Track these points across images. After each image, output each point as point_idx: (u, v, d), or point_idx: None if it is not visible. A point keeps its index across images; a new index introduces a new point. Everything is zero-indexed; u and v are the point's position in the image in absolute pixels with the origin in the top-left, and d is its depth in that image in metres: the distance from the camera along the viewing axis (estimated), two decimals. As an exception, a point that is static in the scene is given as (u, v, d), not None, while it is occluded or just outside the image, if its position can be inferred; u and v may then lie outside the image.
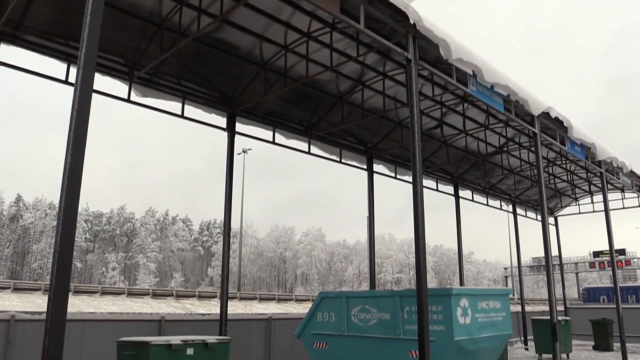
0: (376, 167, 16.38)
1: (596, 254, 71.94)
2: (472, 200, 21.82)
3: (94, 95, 4.71)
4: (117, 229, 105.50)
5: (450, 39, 8.68)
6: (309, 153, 14.43)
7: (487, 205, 22.71)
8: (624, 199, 23.34)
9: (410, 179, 11.63)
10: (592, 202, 24.97)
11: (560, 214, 26.65)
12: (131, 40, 10.27)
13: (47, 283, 47.48)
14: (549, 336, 12.04)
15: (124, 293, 50.72)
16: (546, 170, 20.61)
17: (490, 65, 9.97)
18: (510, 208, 24.23)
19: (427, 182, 18.90)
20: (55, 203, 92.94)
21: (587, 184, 22.98)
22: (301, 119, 13.97)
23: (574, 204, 26.05)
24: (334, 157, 15.19)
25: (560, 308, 23.72)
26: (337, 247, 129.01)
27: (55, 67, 9.79)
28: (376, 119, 14.44)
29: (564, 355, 16.69)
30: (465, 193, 21.28)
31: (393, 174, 17.20)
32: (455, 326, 8.23)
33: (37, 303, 38.38)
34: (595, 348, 19.59)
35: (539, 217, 24.13)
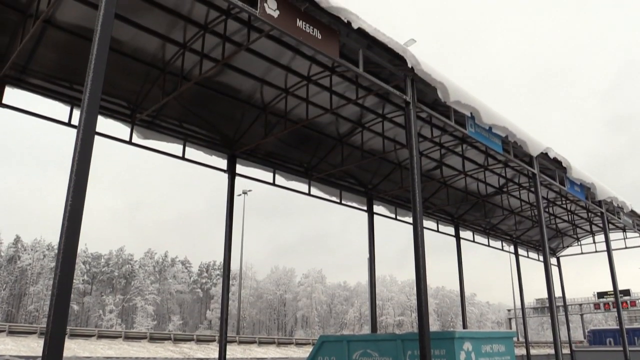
0: (377, 209, 16.38)
1: (600, 294, 70.95)
2: (473, 241, 21.70)
3: (96, 137, 4.75)
4: (115, 270, 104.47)
5: (447, 82, 8.82)
6: (309, 194, 14.46)
7: (489, 246, 22.58)
8: (626, 238, 23.22)
9: (410, 220, 11.61)
10: (594, 242, 24.83)
11: (562, 254, 26.45)
12: (134, 84, 10.45)
13: (43, 326, 46.67)
14: (555, 381, 11.73)
15: (120, 337, 49.72)
16: (547, 210, 20.59)
17: (488, 107, 10.10)
18: (512, 249, 24.08)
19: (428, 223, 18.85)
20: (54, 244, 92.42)
21: (588, 223, 22.90)
22: (301, 160, 14.05)
23: (576, 244, 25.91)
24: (334, 199, 15.20)
25: (566, 351, 23.23)
26: (338, 289, 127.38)
27: (58, 109, 9.93)
28: (376, 160, 14.53)
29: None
30: (466, 234, 21.20)
31: (393, 215, 17.17)
32: (459, 371, 8.04)
33: (32, 347, 37.56)
34: (602, 393, 19.07)
35: (541, 258, 23.93)
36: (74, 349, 38.38)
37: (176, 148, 11.62)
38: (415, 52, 8.33)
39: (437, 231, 19.60)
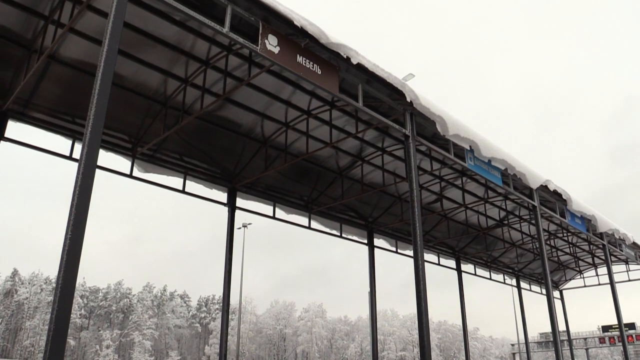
0: (377, 242, 16.30)
1: (605, 328, 69.85)
2: (475, 275, 21.51)
3: (96, 170, 4.77)
4: (113, 304, 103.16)
5: (446, 116, 8.91)
6: (309, 228, 14.41)
7: (490, 279, 22.36)
8: (629, 270, 23.03)
9: (411, 253, 11.54)
10: (597, 275, 24.62)
11: (565, 287, 26.19)
12: (136, 118, 10.54)
13: (38, 363, 45.75)
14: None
15: (117, 373, 48.77)
16: (548, 242, 20.48)
17: (487, 140, 10.17)
18: (514, 282, 23.85)
19: (429, 257, 18.73)
20: (52, 277, 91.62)
21: (590, 256, 22.75)
22: (301, 193, 14.06)
23: (579, 276, 25.67)
24: (334, 232, 15.14)
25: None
26: (339, 324, 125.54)
27: (59, 142, 9.99)
28: (376, 193, 14.54)
29: None
30: (468, 267, 21.03)
31: (394, 249, 17.08)
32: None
33: (26, 384, 36.79)
34: None
35: (543, 291, 23.69)
36: (69, 386, 37.58)
37: (177, 181, 11.65)
38: (414, 86, 8.45)
39: (439, 264, 19.45)
